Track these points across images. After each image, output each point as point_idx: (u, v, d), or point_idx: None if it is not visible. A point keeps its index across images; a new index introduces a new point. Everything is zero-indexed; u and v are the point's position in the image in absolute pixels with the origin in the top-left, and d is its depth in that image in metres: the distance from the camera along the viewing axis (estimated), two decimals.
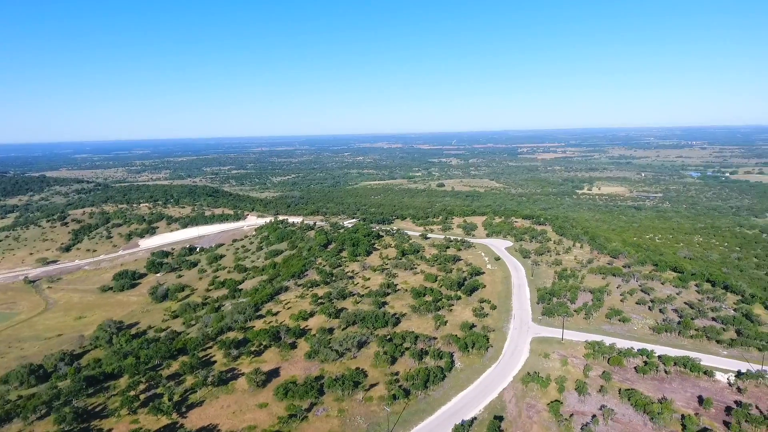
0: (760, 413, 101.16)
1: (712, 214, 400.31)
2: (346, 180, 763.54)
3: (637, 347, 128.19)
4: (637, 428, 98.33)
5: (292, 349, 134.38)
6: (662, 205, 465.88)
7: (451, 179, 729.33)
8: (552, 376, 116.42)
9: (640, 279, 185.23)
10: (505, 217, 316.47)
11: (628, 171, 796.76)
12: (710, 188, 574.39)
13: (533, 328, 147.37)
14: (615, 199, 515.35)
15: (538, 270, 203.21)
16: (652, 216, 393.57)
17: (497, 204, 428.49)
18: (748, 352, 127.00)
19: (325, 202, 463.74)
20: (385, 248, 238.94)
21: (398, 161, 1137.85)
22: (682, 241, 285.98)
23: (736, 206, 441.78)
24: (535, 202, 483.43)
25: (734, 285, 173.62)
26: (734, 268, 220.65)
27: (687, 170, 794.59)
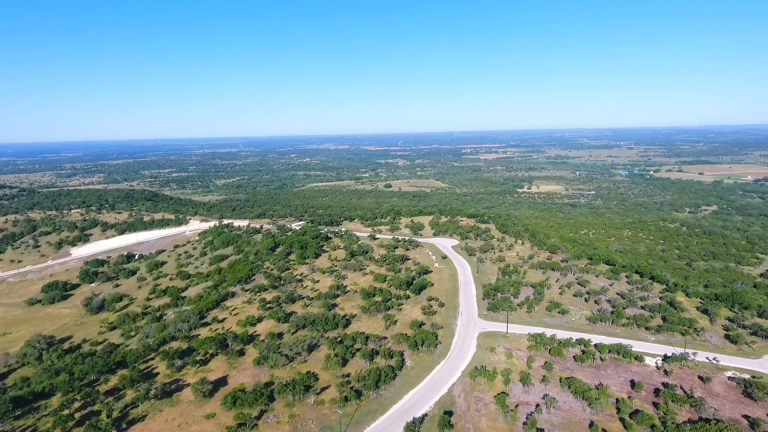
0: (684, 393, 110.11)
1: (639, 210, 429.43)
2: (293, 182, 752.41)
3: (575, 337, 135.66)
4: (577, 414, 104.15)
5: (240, 356, 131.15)
6: (595, 202, 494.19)
7: (398, 180, 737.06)
8: (498, 369, 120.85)
9: (576, 272, 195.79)
10: (451, 217, 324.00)
11: (564, 170, 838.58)
12: (637, 185, 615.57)
13: (480, 323, 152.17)
14: (552, 197, 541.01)
15: (483, 267, 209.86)
16: (586, 212, 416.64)
17: (443, 204, 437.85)
18: (673, 336, 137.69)
19: (271, 204, 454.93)
20: (334, 250, 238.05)
21: (345, 162, 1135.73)
22: (613, 235, 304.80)
23: (660, 202, 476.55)
24: (479, 201, 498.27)
25: (660, 275, 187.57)
26: (659, 260, 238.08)
27: (616, 169, 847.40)
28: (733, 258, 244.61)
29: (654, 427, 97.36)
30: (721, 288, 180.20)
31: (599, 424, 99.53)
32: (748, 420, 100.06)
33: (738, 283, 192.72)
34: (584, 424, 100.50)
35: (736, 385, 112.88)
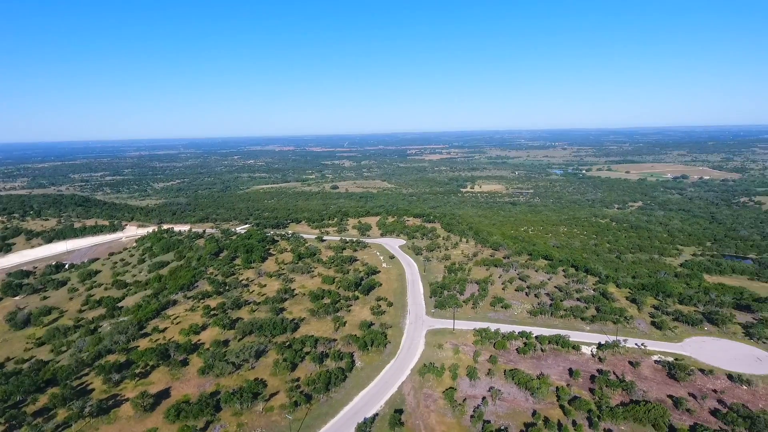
0: (616, 378, 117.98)
1: (574, 207, 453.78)
2: (236, 184, 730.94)
3: (518, 330, 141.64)
4: (521, 404, 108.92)
5: (184, 367, 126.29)
6: (534, 200, 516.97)
7: (344, 181, 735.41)
8: (446, 365, 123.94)
9: (518, 268, 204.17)
10: (398, 217, 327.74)
11: (504, 170, 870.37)
12: (571, 184, 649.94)
13: (427, 321, 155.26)
14: (494, 196, 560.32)
15: (430, 265, 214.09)
16: (526, 210, 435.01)
17: (390, 204, 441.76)
18: (606, 325, 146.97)
19: (214, 208, 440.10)
20: (281, 253, 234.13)
21: (291, 164, 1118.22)
22: (551, 231, 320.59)
23: (592, 199, 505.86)
24: (425, 201, 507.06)
25: (593, 268, 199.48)
26: (592, 254, 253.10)
27: (552, 168, 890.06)
28: (656, 250, 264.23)
29: (591, 411, 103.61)
30: (647, 278, 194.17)
31: (541, 412, 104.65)
32: (672, 399, 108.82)
33: (661, 273, 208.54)
34: (527, 413, 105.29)
35: (661, 368, 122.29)
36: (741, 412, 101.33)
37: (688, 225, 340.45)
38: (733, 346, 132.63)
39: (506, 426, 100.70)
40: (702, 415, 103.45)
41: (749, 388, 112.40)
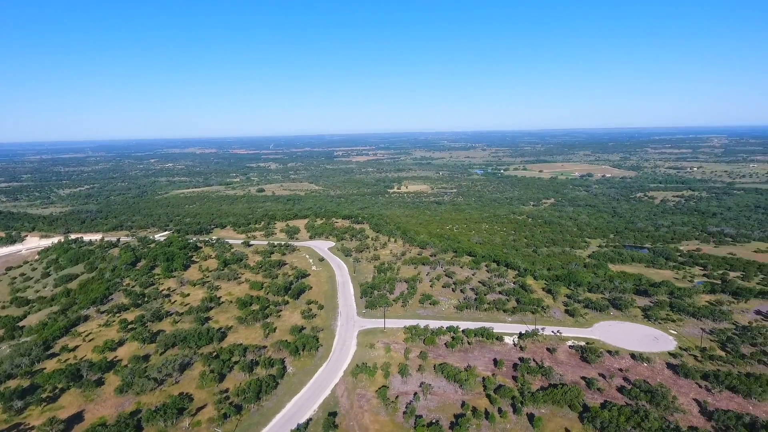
0: (536, 364, 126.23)
1: (494, 205, 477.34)
2: (154, 189, 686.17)
3: (446, 325, 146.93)
4: (450, 396, 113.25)
5: (99, 387, 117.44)
6: (457, 199, 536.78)
7: (271, 184, 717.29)
8: (378, 364, 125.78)
9: (444, 265, 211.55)
10: (326, 219, 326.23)
11: (429, 170, 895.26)
12: (491, 183, 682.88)
13: (359, 321, 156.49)
14: (420, 196, 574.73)
15: (360, 266, 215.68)
16: (450, 209, 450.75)
17: (318, 206, 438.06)
18: (526, 316, 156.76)
19: (130, 214, 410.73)
20: (205, 260, 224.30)
21: (213, 167, 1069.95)
22: (474, 229, 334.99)
23: (510, 197, 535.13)
24: (353, 202, 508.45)
25: (513, 262, 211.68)
26: (512, 248, 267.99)
27: (473, 168, 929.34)
28: (568, 243, 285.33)
29: (514, 398, 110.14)
30: (560, 270, 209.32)
31: (469, 402, 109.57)
32: (585, 380, 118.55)
33: (572, 264, 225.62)
34: (457, 404, 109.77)
35: (575, 352, 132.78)
36: (642, 387, 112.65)
37: (594, 219, 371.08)
38: (635, 328, 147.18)
39: (437, 419, 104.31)
40: (611, 393, 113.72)
41: (649, 365, 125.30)
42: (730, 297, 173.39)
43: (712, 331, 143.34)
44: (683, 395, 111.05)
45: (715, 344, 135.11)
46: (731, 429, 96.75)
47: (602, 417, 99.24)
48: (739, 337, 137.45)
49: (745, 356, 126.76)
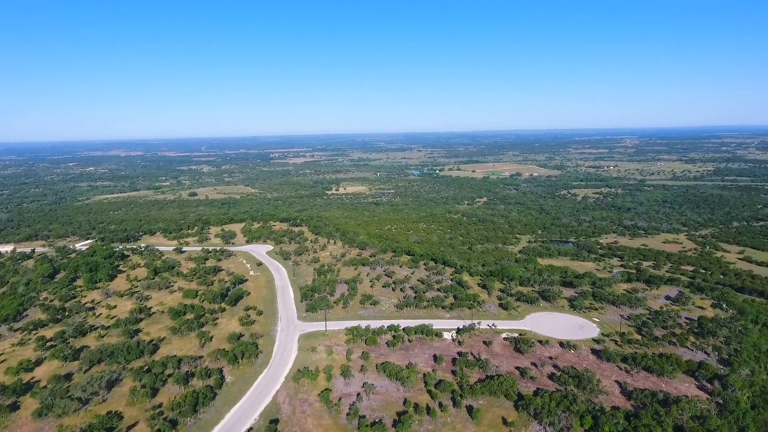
0: (474, 358, 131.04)
1: (430, 204, 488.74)
2: (74, 195, 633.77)
3: (387, 324, 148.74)
4: (393, 395, 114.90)
5: (13, 412, 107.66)
6: (395, 199, 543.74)
7: (204, 187, 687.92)
8: (320, 368, 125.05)
9: (384, 265, 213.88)
10: (264, 222, 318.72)
11: (367, 171, 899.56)
12: (427, 183, 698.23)
13: (300, 325, 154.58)
14: (358, 197, 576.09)
15: (299, 269, 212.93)
16: (388, 209, 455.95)
17: (255, 209, 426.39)
18: (462, 311, 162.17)
19: (46, 223, 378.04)
20: (133, 269, 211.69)
21: (141, 170, 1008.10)
22: (412, 228, 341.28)
23: (445, 196, 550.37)
24: (291, 204, 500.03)
25: (450, 260, 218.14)
26: (448, 246, 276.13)
27: (410, 169, 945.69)
28: (500, 240, 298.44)
29: (454, 391, 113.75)
30: (494, 265, 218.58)
31: (411, 399, 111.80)
32: (519, 370, 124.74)
33: (505, 260, 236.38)
34: (399, 402, 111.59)
35: (509, 344, 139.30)
36: (570, 373, 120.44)
37: (523, 216, 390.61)
38: (562, 318, 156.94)
39: (380, 418, 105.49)
40: (542, 381, 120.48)
41: (575, 352, 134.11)
42: (644, 285, 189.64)
43: (630, 317, 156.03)
44: (606, 378, 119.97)
45: (633, 329, 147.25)
46: (647, 406, 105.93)
47: (535, 404, 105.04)
48: (652, 321, 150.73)
49: (657, 338, 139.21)
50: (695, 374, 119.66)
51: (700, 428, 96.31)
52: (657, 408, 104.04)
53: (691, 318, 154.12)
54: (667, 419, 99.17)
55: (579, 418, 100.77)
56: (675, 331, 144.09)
